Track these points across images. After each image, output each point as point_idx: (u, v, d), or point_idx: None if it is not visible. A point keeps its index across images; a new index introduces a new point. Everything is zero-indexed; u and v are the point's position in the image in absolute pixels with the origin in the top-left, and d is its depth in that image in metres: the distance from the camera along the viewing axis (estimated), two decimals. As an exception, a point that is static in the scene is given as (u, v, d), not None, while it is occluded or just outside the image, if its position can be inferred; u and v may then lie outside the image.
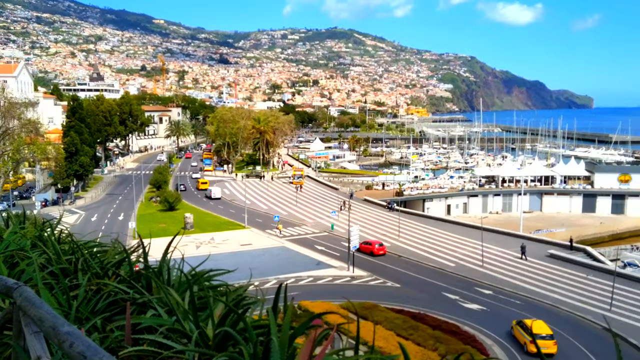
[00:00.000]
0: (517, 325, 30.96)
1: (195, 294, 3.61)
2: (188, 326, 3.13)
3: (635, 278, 41.35)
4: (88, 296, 3.62)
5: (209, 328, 3.06)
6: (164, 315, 3.31)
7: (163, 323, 3.18)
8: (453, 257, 48.13)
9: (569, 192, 76.09)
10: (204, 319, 3.18)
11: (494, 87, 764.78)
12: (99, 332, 3.21)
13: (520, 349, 29.25)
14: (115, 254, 4.62)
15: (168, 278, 3.96)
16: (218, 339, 2.94)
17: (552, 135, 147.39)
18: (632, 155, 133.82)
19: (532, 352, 28.56)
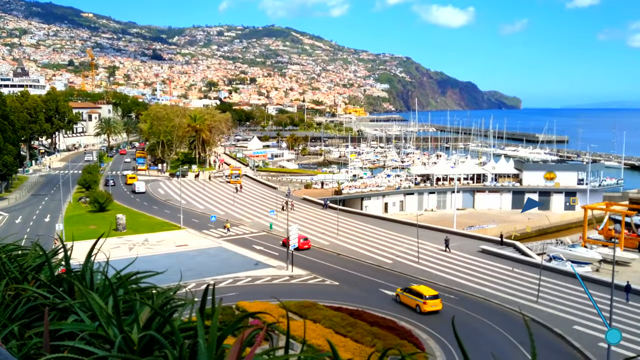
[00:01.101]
0: (404, 292, 36.11)
1: (121, 298, 3.49)
2: (112, 331, 3.02)
3: (559, 271, 43.50)
4: (6, 302, 3.42)
5: (134, 332, 2.95)
6: (87, 320, 3.13)
7: (85, 328, 3.01)
8: (390, 254, 48.97)
9: (499, 189, 79.20)
10: (130, 323, 3.04)
11: (429, 87, 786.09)
12: (17, 339, 3.02)
13: (412, 311, 34.59)
14: (35, 257, 4.40)
15: (91, 282, 3.81)
16: (143, 343, 2.83)
17: (483, 135, 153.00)
18: (557, 154, 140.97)
19: (426, 311, 33.99)
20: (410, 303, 35.28)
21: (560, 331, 31.76)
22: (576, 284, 40.44)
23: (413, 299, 35.12)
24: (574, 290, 38.96)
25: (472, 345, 28.76)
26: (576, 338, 30.79)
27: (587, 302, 36.23)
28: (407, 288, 36.47)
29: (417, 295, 35.01)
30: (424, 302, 34.28)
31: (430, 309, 34.24)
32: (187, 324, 3.10)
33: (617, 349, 28.43)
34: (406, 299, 35.72)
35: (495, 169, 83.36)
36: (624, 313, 34.13)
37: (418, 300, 34.69)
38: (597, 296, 37.09)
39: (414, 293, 35.35)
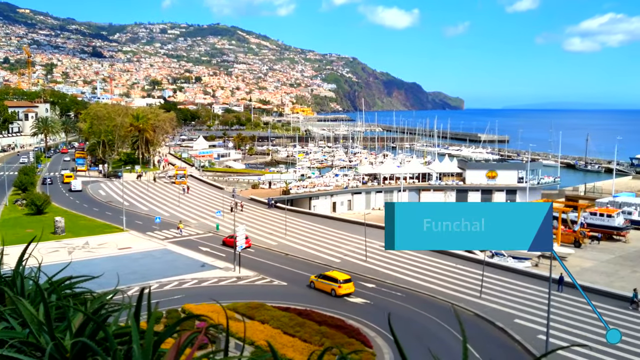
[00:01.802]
0: (318, 279, 38.70)
1: (53, 304, 3.38)
2: (43, 338, 2.90)
3: (501, 266, 44.91)
4: None
5: (67, 339, 2.86)
6: (17, 327, 3.06)
7: (15, 336, 2.93)
8: (339, 253, 49.24)
9: (444, 188, 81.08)
10: (62, 330, 2.98)
11: (375, 88, 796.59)
12: None
13: (327, 295, 37.22)
14: None
15: (22, 287, 3.66)
16: (75, 350, 2.73)
17: (428, 135, 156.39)
18: (498, 153, 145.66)
19: (341, 294, 37.06)
20: (325, 288, 37.90)
21: (502, 325, 32.74)
22: (517, 279, 41.92)
23: (328, 284, 37.85)
24: (515, 285, 40.32)
25: (419, 342, 29.25)
26: (517, 331, 31.81)
27: (527, 297, 37.65)
28: (321, 274, 39.26)
29: (332, 281, 37.83)
30: (339, 286, 37.20)
31: (344, 292, 37.28)
32: (124, 329, 2.98)
33: (554, 340, 29.61)
34: (321, 285, 38.30)
35: (440, 167, 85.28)
36: (557, 305, 35.52)
37: (333, 284, 37.49)
38: (536, 290, 38.61)
39: (329, 278, 38.17)
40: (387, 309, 34.62)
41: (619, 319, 33.52)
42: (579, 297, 37.61)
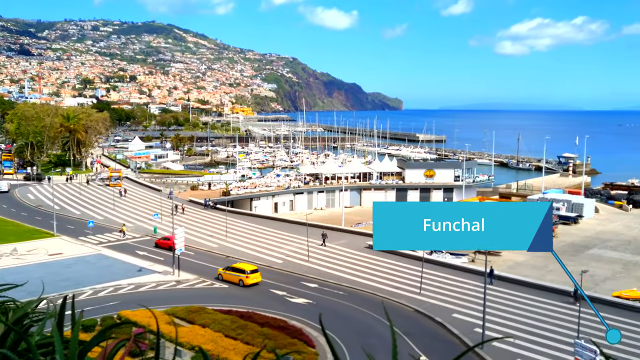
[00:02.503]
0: (226, 271, 40.25)
1: None
2: None
3: (440, 263, 46.03)
4: None
5: None
6: None
7: None
8: (281, 254, 48.99)
9: (384, 187, 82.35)
10: None
11: (316, 88, 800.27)
12: None
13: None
14: None
15: None
16: None
17: (368, 135, 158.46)
18: (436, 152, 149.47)
19: (248, 284, 38.98)
20: (233, 279, 39.59)
21: (441, 320, 33.53)
22: (455, 274, 43.09)
23: (235, 275, 39.58)
24: (453, 280, 41.41)
25: (360, 338, 29.55)
26: (455, 325, 32.65)
27: (465, 292, 38.77)
28: (229, 267, 40.85)
29: (239, 272, 39.60)
30: (247, 277, 39.03)
31: (252, 282, 39.14)
32: (48, 339, 2.75)
33: (490, 332, 30.62)
34: (229, 277, 39.91)
35: (381, 167, 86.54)
36: (492, 298, 36.74)
37: (241, 275, 39.26)
38: (473, 284, 39.80)
39: (236, 270, 39.92)
40: (330, 308, 34.75)
41: (562, 313, 35.00)
42: (511, 289, 39.11)
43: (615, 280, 43.38)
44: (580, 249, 53.20)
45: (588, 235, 58.99)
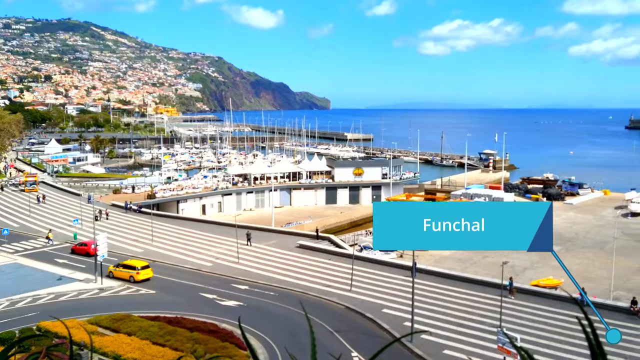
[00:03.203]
0: (117, 268, 40.82)
1: None
2: None
3: (369, 259, 46.65)
4: None
5: None
6: None
7: None
8: (209, 257, 47.95)
9: (314, 186, 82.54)
10: None
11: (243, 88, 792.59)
12: None
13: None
14: None
15: None
16: None
17: (297, 134, 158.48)
18: (363, 151, 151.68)
19: (139, 279, 39.81)
20: (124, 276, 40.20)
21: (372, 315, 33.95)
22: (384, 270, 43.79)
23: (126, 271, 40.24)
24: (382, 276, 42.06)
25: (292, 338, 29.36)
26: (385, 320, 33.16)
27: (394, 286, 39.47)
28: (119, 264, 41.30)
29: (130, 268, 40.35)
30: (137, 273, 39.85)
31: (143, 278, 39.93)
32: None
33: (418, 325, 31.31)
34: (120, 273, 40.46)
35: (310, 166, 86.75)
36: (420, 292, 37.65)
37: (132, 272, 40.02)
38: (401, 279, 40.61)
39: (127, 267, 40.55)
40: (261, 309, 34.35)
41: (485, 303, 36.28)
42: (438, 283, 40.21)
43: (533, 270, 45.66)
44: (501, 241, 55.56)
45: (508, 227, 61.70)
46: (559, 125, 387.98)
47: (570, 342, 28.90)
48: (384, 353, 2.30)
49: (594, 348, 2.16)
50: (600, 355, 2.13)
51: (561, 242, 55.02)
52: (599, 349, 2.15)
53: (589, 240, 56.18)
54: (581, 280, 41.71)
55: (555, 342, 29.12)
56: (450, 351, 28.77)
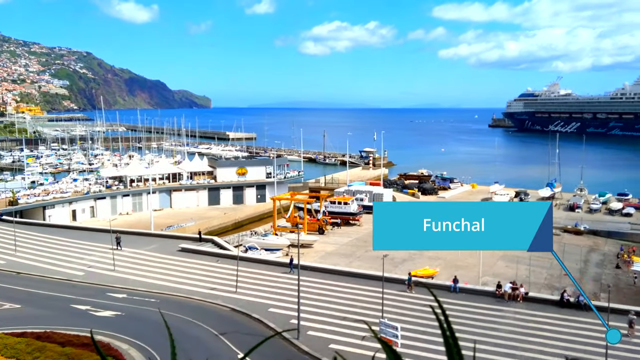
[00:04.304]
0: None
1: None
2: None
3: (255, 260, 46.18)
4: None
5: None
6: None
7: None
8: (82, 266, 44.68)
9: (195, 187, 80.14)
10: None
11: (115, 85, 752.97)
12: None
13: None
14: None
15: None
16: None
17: (176, 134, 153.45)
18: (247, 150, 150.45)
19: None
20: None
21: (258, 316, 33.58)
22: (270, 270, 43.56)
23: None
24: (268, 276, 41.82)
25: (175, 344, 28.11)
26: (272, 319, 32.95)
27: (280, 285, 39.38)
28: None
29: None
30: None
31: None
32: None
33: (305, 322, 31.45)
34: None
35: (191, 166, 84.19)
36: (305, 289, 37.96)
37: None
38: (287, 278, 40.62)
39: None
40: (141, 318, 32.57)
41: (369, 296, 37.23)
42: (323, 279, 40.77)
43: (411, 261, 47.86)
44: (381, 235, 57.70)
45: (387, 222, 64.27)
46: (431, 124, 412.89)
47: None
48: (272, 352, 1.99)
49: (445, 332, 2.31)
50: (451, 338, 2.28)
51: (435, 234, 58.26)
52: (450, 333, 2.30)
53: (460, 230, 60.13)
54: (454, 269, 44.59)
55: (433, 329, 30.66)
56: (336, 345, 29.21)
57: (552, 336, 30.76)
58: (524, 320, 33.06)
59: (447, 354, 2.30)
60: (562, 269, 45.24)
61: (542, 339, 30.32)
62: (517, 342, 29.74)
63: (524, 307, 35.15)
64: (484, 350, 28.61)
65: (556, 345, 29.47)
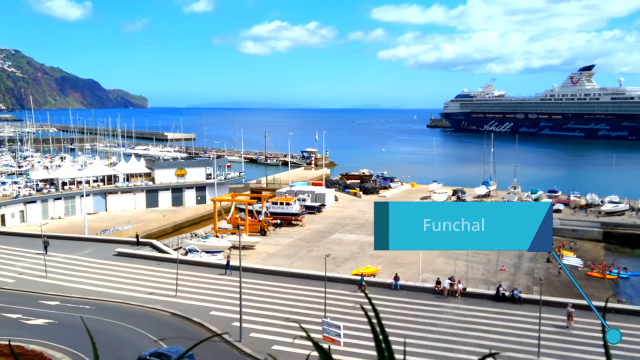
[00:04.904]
0: None
1: None
2: None
3: (195, 262, 45.32)
4: None
5: None
6: None
7: None
8: (12, 272, 42.52)
9: (132, 189, 77.70)
10: None
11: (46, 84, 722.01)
12: None
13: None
14: None
15: None
16: None
17: (111, 135, 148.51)
18: (186, 151, 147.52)
19: None
20: None
21: (199, 319, 32.95)
22: (211, 272, 42.83)
23: None
24: (209, 278, 41.13)
25: (113, 351, 27.23)
26: (214, 323, 32.43)
27: (222, 288, 38.79)
28: None
29: None
30: None
31: None
32: None
33: (248, 325, 31.09)
34: None
35: (127, 168, 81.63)
36: (246, 290, 37.56)
37: None
38: (228, 280, 40.04)
39: None
40: (76, 326, 31.20)
41: (311, 296, 37.19)
42: (266, 280, 40.44)
43: (353, 260, 48.28)
44: (325, 235, 57.99)
45: (330, 221, 64.67)
46: (372, 124, 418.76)
47: (392, 325, 31.01)
48: (213, 355, 1.89)
49: (375, 328, 2.35)
50: (382, 333, 2.33)
51: (377, 232, 59.06)
52: (381, 331, 2.34)
53: (400, 229, 61.12)
54: (395, 267, 45.32)
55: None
56: (279, 346, 29.04)
57: (488, 329, 31.79)
58: (462, 315, 34.00)
59: (377, 351, 2.33)
60: (497, 265, 46.88)
61: (480, 333, 31.28)
62: (455, 337, 30.54)
63: (462, 302, 36.14)
64: (424, 346, 29.21)
65: (493, 338, 30.46)
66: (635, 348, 28.81)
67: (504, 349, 28.92)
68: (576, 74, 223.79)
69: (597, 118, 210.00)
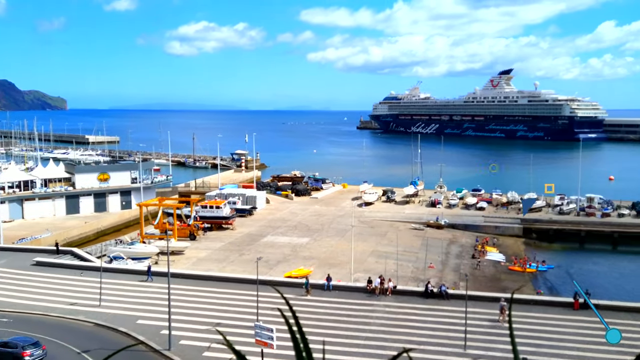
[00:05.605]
0: None
1: None
2: None
3: (120, 270, 43.52)
4: None
5: None
6: None
7: None
8: None
9: (51, 195, 73.76)
10: None
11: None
12: None
13: None
14: None
15: None
16: None
17: (28, 138, 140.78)
18: (109, 154, 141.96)
19: None
20: None
21: (125, 329, 31.65)
22: (138, 279, 41.26)
23: None
24: (135, 286, 39.61)
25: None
26: (141, 332, 31.23)
27: (149, 295, 37.42)
28: None
29: None
30: None
31: None
32: None
33: (177, 332, 30.14)
34: None
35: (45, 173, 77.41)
36: (175, 297, 36.48)
37: None
38: (156, 287, 38.70)
39: None
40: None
41: (243, 300, 36.52)
42: (195, 285, 39.45)
43: (286, 262, 48.00)
44: (257, 238, 57.34)
45: (262, 224, 64.07)
46: (303, 126, 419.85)
47: (326, 326, 31.00)
48: None
49: (293, 332, 2.35)
50: (299, 332, 2.36)
51: (309, 233, 59.17)
52: (299, 333, 2.36)
53: (332, 229, 61.52)
54: (327, 267, 45.44)
55: (310, 328, 30.92)
56: (210, 352, 28.33)
57: (418, 325, 32.48)
58: (393, 313, 34.54)
59: (295, 352, 2.32)
60: (426, 263, 48.05)
61: (410, 330, 31.89)
62: (387, 334, 30.95)
63: (393, 300, 36.74)
64: (356, 345, 29.42)
65: (422, 334, 31.13)
66: (556, 337, 30.31)
67: (433, 343, 29.62)
68: (496, 77, 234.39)
69: (516, 120, 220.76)
